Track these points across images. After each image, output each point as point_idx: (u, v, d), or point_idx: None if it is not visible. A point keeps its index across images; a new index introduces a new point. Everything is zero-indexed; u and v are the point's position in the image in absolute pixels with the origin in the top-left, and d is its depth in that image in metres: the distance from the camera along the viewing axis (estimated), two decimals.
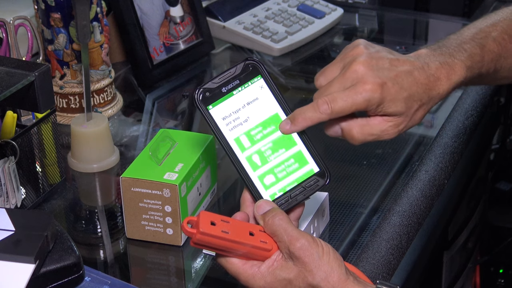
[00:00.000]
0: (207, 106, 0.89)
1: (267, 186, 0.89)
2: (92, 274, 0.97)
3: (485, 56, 0.98)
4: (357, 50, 0.93)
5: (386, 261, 1.03)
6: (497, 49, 0.99)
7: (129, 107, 1.42)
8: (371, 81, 0.90)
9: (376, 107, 0.90)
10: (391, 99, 0.90)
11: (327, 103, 0.89)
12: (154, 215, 1.05)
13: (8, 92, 0.99)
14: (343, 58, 0.94)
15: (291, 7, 1.70)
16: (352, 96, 0.89)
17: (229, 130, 0.89)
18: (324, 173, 0.90)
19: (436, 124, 1.36)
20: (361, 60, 0.91)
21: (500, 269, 1.95)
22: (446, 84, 0.94)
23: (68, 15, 1.29)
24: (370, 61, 0.92)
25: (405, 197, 1.14)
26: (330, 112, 0.89)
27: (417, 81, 0.92)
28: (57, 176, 1.19)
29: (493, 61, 0.99)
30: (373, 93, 0.89)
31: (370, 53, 0.93)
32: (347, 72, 0.91)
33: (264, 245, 0.84)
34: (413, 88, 0.92)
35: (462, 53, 0.96)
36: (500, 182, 1.94)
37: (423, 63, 0.94)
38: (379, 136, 0.93)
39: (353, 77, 0.90)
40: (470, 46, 0.98)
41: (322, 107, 0.89)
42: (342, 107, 0.89)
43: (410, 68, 0.93)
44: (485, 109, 1.45)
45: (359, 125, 0.92)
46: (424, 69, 0.93)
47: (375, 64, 0.91)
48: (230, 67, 0.90)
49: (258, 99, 0.90)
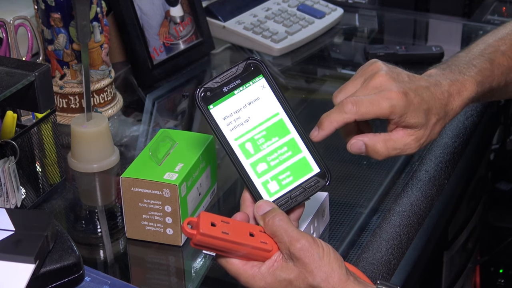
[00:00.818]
0: (208, 106, 0.88)
1: (268, 188, 0.89)
2: (92, 274, 0.97)
3: (495, 70, 1.00)
4: (376, 65, 0.96)
5: (386, 261, 1.03)
6: (506, 63, 1.01)
7: (129, 107, 1.42)
8: (396, 90, 0.91)
9: (399, 117, 0.92)
10: (414, 109, 0.92)
11: (352, 104, 0.91)
12: (154, 215, 1.05)
13: (8, 92, 0.99)
14: (363, 74, 0.96)
15: (291, 7, 1.70)
16: (379, 100, 0.91)
17: (230, 130, 0.88)
18: (324, 174, 0.89)
19: None
20: (382, 73, 0.94)
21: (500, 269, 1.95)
22: (458, 100, 0.97)
23: (68, 15, 1.29)
24: (392, 74, 0.94)
25: (405, 197, 1.14)
26: (355, 111, 0.90)
27: (434, 96, 0.94)
28: (57, 176, 1.19)
29: (503, 75, 1.01)
30: (398, 101, 0.91)
31: (389, 67, 0.95)
32: (370, 83, 0.93)
33: (265, 245, 0.84)
34: (432, 102, 0.94)
35: (471, 69, 0.98)
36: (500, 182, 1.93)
37: (435, 81, 0.96)
38: (402, 150, 0.94)
39: (378, 86, 0.92)
40: (480, 61, 0.99)
41: (347, 106, 0.90)
42: (368, 109, 0.91)
43: (426, 83, 0.95)
44: (485, 109, 1.45)
45: (383, 140, 0.93)
46: (438, 86, 0.96)
47: (396, 77, 0.94)
48: (232, 66, 0.89)
49: (260, 99, 0.90)
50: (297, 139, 0.90)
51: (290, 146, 0.89)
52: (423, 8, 1.77)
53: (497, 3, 1.81)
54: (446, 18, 1.74)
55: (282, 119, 0.90)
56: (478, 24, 1.72)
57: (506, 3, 1.81)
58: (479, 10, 1.76)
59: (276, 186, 0.89)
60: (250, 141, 0.89)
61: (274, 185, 0.89)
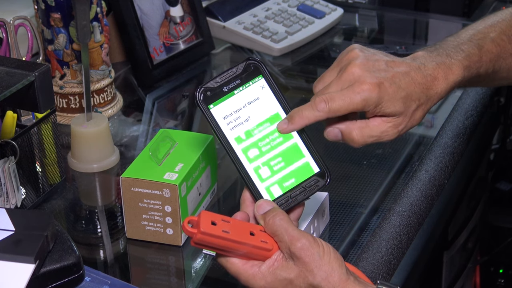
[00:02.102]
0: (208, 105, 0.89)
1: (268, 186, 0.89)
2: (92, 274, 0.97)
3: (483, 56, 0.98)
4: (352, 53, 0.94)
5: (386, 261, 1.03)
6: (495, 50, 0.99)
7: (129, 107, 1.42)
8: (368, 82, 0.90)
9: (374, 108, 0.90)
10: (389, 99, 0.90)
11: (324, 101, 0.89)
12: (154, 215, 1.05)
13: (8, 92, 0.99)
14: (339, 63, 0.94)
15: (291, 7, 1.70)
16: (350, 96, 0.89)
17: (230, 130, 0.89)
18: (324, 174, 0.90)
19: (436, 124, 1.36)
20: (357, 62, 0.92)
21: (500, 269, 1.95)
22: (443, 84, 0.94)
23: (68, 15, 1.29)
24: (367, 63, 0.92)
25: (405, 197, 1.14)
26: (328, 110, 0.89)
27: (414, 81, 0.92)
28: (57, 176, 1.19)
29: (491, 62, 0.99)
30: (371, 93, 0.89)
31: (366, 55, 0.93)
32: (343, 74, 0.91)
33: (265, 245, 0.84)
34: (411, 88, 0.92)
35: (459, 53, 0.97)
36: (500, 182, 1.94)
37: (419, 63, 0.94)
38: (379, 137, 0.93)
39: (350, 78, 0.91)
40: (468, 46, 0.98)
41: (319, 105, 0.89)
42: (340, 105, 0.89)
43: (406, 69, 0.93)
44: (485, 109, 1.45)
45: (358, 127, 0.92)
46: (421, 69, 0.93)
47: (371, 66, 0.92)
48: (231, 66, 0.90)
49: (259, 99, 0.90)
50: (296, 138, 0.90)
51: (289, 145, 0.90)
52: (423, 8, 1.77)
53: (497, 3, 1.81)
54: (446, 18, 1.74)
55: (281, 118, 0.90)
56: None
57: (506, 3, 1.81)
58: (479, 10, 1.76)
59: (276, 185, 0.89)
60: (250, 140, 0.89)
61: (275, 185, 0.89)
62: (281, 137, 0.90)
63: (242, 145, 0.89)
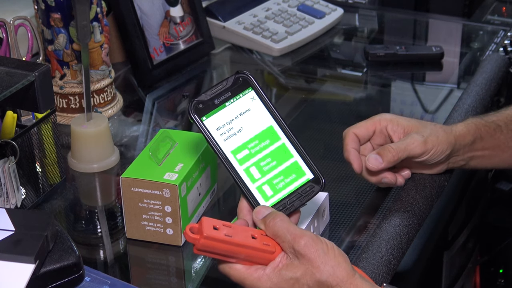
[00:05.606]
0: (201, 118, 0.90)
1: (265, 195, 0.90)
2: (92, 274, 0.97)
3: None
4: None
5: (386, 261, 1.03)
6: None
7: (129, 107, 1.42)
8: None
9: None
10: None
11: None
12: (154, 215, 1.05)
13: (8, 92, 0.99)
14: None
15: (291, 7, 1.70)
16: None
17: (223, 140, 0.91)
18: (318, 180, 0.92)
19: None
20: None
21: (500, 269, 1.95)
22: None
23: (68, 15, 1.29)
24: None
25: (405, 197, 1.14)
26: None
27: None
28: (57, 176, 1.19)
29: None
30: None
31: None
32: None
33: (268, 247, 0.85)
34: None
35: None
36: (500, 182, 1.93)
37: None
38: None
39: None
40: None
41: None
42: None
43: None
44: (485, 109, 1.44)
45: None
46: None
47: None
48: (222, 80, 0.92)
49: (250, 110, 0.92)
50: (288, 145, 0.92)
51: (282, 153, 0.92)
52: (423, 8, 1.77)
53: (497, 3, 1.81)
54: (446, 18, 1.74)
55: (273, 128, 0.92)
56: (478, 24, 1.72)
57: (506, 3, 1.81)
58: (479, 10, 1.76)
59: (272, 193, 0.91)
60: (244, 150, 0.91)
61: (270, 192, 0.91)
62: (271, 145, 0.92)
63: (236, 155, 0.90)
